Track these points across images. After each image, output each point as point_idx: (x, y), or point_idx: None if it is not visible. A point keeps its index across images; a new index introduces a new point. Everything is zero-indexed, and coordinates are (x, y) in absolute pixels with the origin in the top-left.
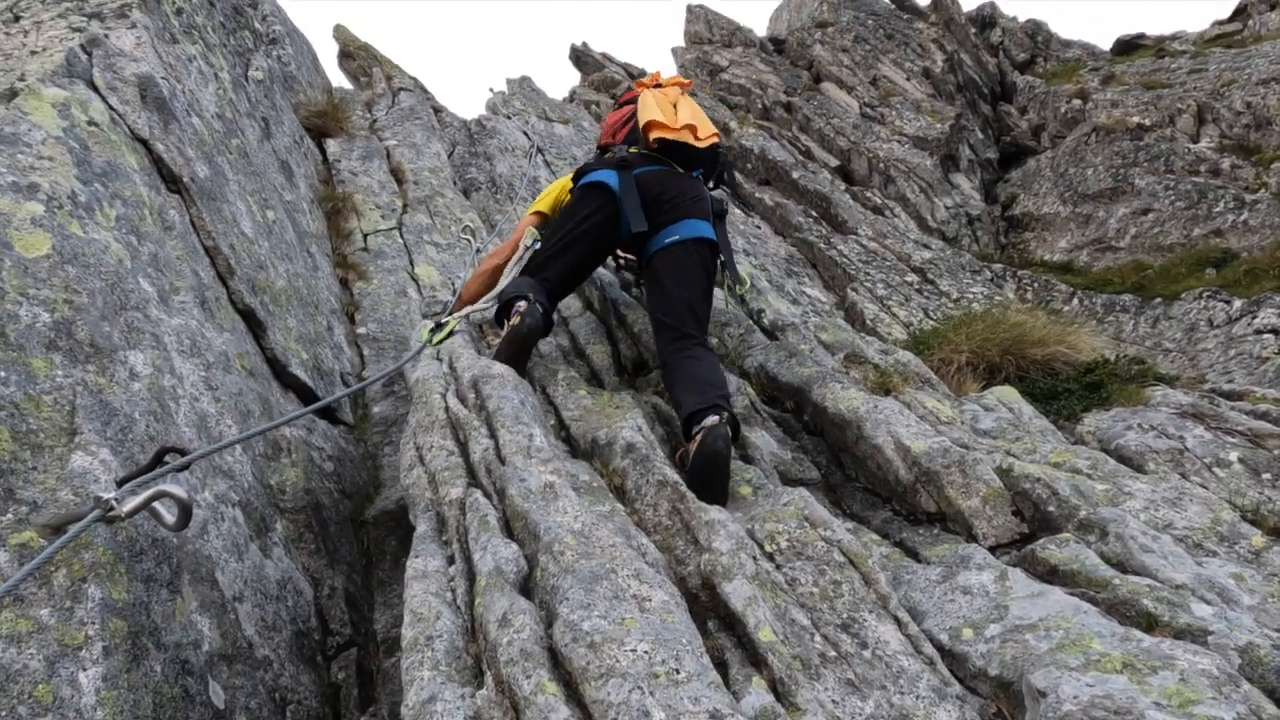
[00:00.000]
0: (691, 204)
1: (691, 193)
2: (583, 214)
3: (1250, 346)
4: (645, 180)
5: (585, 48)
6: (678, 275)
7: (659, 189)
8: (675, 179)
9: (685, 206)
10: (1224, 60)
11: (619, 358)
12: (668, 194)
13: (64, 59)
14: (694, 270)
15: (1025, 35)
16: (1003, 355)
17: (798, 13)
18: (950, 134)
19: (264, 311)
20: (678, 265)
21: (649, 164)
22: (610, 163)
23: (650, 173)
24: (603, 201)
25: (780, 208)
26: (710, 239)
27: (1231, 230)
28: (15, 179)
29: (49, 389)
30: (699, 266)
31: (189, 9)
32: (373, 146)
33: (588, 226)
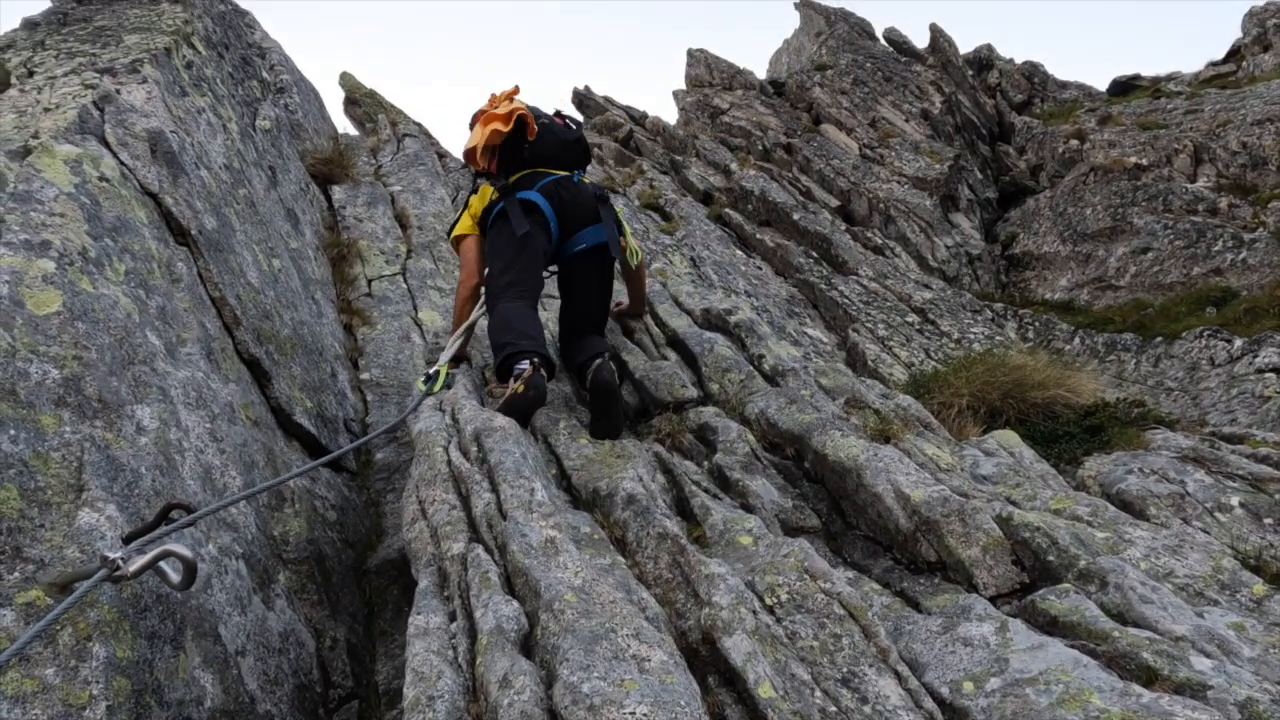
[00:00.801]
0: (588, 206)
1: (587, 196)
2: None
3: (1252, 385)
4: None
5: (588, 91)
6: (585, 285)
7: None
8: (571, 187)
9: (585, 212)
10: (1219, 101)
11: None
12: (569, 200)
13: (77, 116)
14: (594, 277)
15: (1022, 77)
16: (1003, 398)
17: (797, 56)
18: (949, 174)
19: (269, 361)
20: (585, 276)
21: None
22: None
23: (551, 183)
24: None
25: (781, 249)
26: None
27: (1231, 269)
28: (28, 236)
29: (57, 445)
30: (598, 273)
31: (199, 62)
32: (377, 192)
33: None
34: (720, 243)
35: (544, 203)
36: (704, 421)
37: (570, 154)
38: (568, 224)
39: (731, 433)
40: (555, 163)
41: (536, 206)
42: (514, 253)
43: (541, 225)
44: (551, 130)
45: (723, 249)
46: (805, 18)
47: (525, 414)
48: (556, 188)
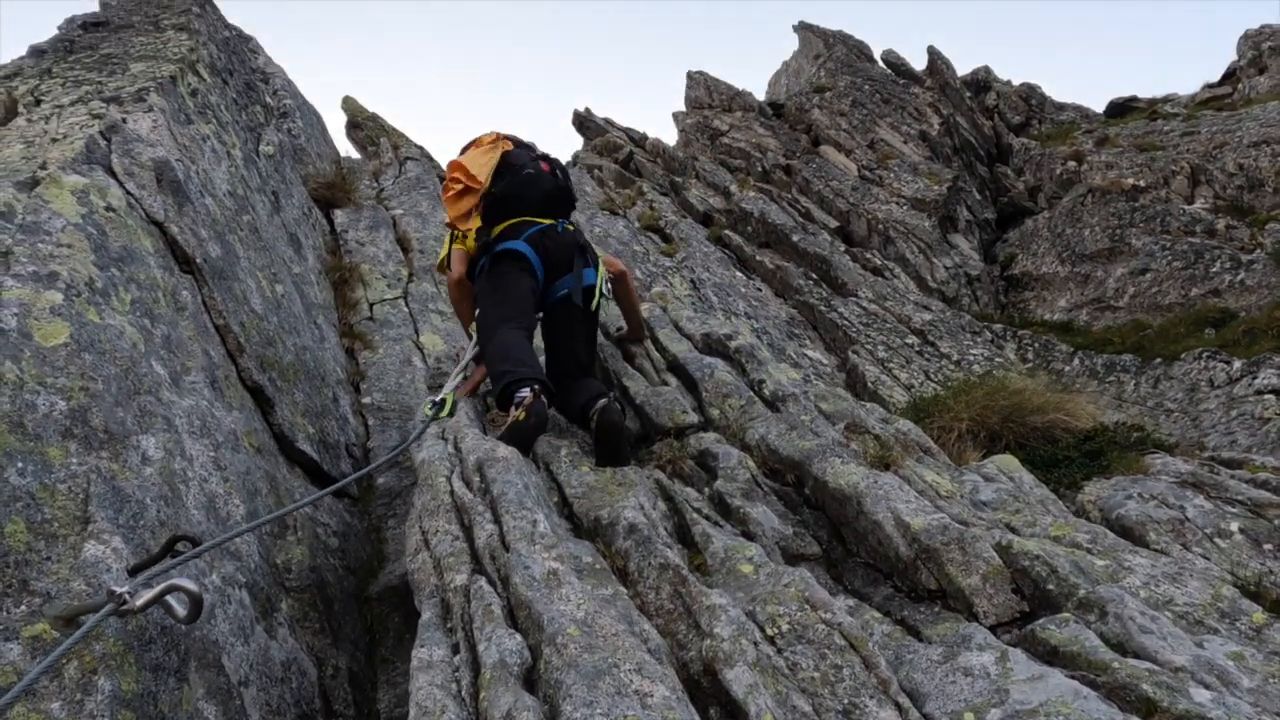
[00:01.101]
0: (570, 255)
1: (568, 244)
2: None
3: (1252, 407)
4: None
5: (588, 113)
6: (568, 329)
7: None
8: (553, 235)
9: (566, 259)
10: (1215, 123)
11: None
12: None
13: (84, 146)
14: (577, 321)
15: (1019, 98)
16: (1003, 423)
17: (796, 78)
18: (948, 195)
19: (272, 388)
20: (568, 320)
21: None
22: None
23: (537, 233)
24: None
25: (781, 270)
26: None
27: (1229, 290)
28: (36, 268)
29: (64, 477)
30: (581, 317)
31: (203, 89)
32: (379, 216)
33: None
34: (720, 264)
35: (530, 251)
36: (705, 448)
37: (555, 203)
38: (551, 271)
39: (732, 459)
40: (540, 211)
41: (524, 255)
42: (504, 295)
43: (529, 272)
44: (537, 181)
45: (723, 271)
46: (804, 40)
47: (527, 441)
48: (541, 237)
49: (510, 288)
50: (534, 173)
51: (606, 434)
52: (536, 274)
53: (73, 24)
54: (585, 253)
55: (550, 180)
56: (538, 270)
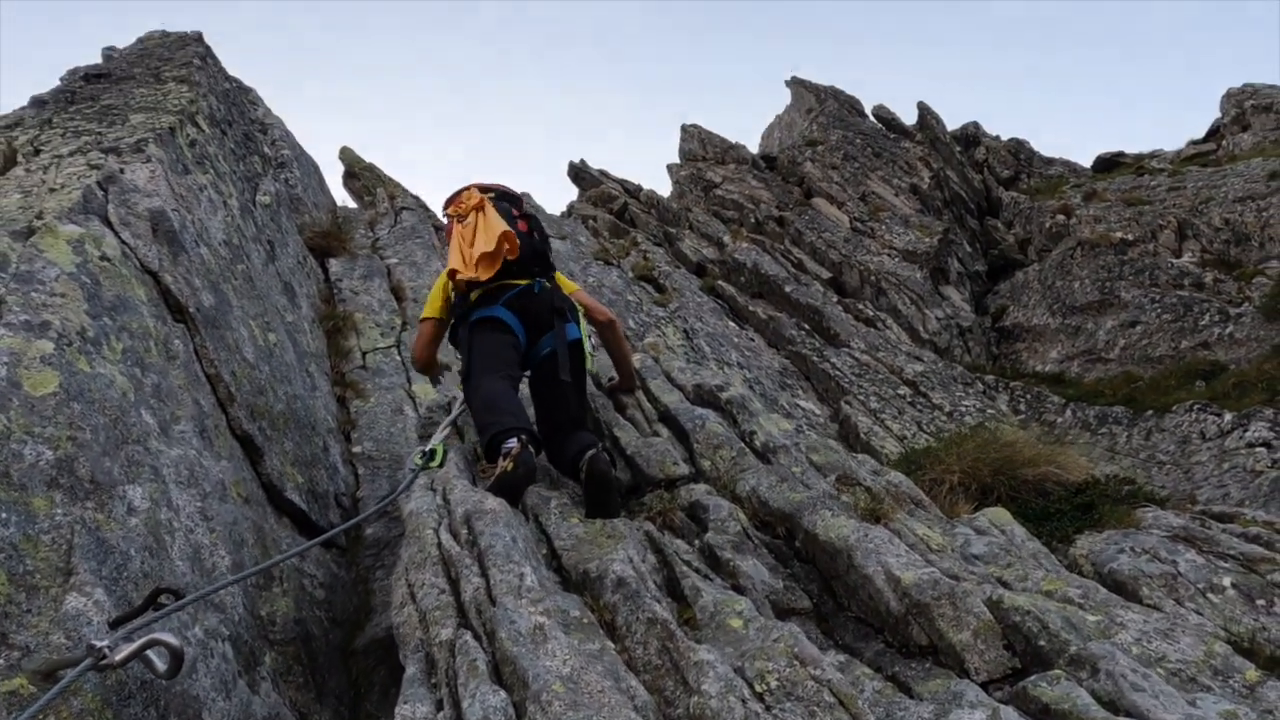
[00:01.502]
0: (548, 315)
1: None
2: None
3: (1243, 460)
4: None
5: (583, 165)
6: (556, 385)
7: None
8: (530, 297)
9: (545, 319)
10: (1201, 178)
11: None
12: (533, 308)
13: (81, 196)
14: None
15: (1008, 153)
16: (994, 475)
17: (788, 131)
18: (939, 247)
19: (261, 437)
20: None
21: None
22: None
23: (515, 296)
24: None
25: (773, 321)
26: (575, 342)
27: (1218, 343)
28: (28, 317)
29: (48, 528)
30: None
31: (202, 140)
32: (374, 265)
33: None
34: (713, 314)
35: (509, 316)
36: (695, 499)
37: (532, 264)
38: (533, 331)
39: (723, 511)
40: (517, 274)
41: (502, 321)
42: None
43: (511, 333)
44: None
45: (716, 321)
46: (796, 95)
47: (516, 492)
48: (520, 299)
49: (492, 345)
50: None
51: (596, 484)
52: (518, 335)
53: (75, 75)
54: (564, 310)
55: (527, 241)
56: (519, 333)
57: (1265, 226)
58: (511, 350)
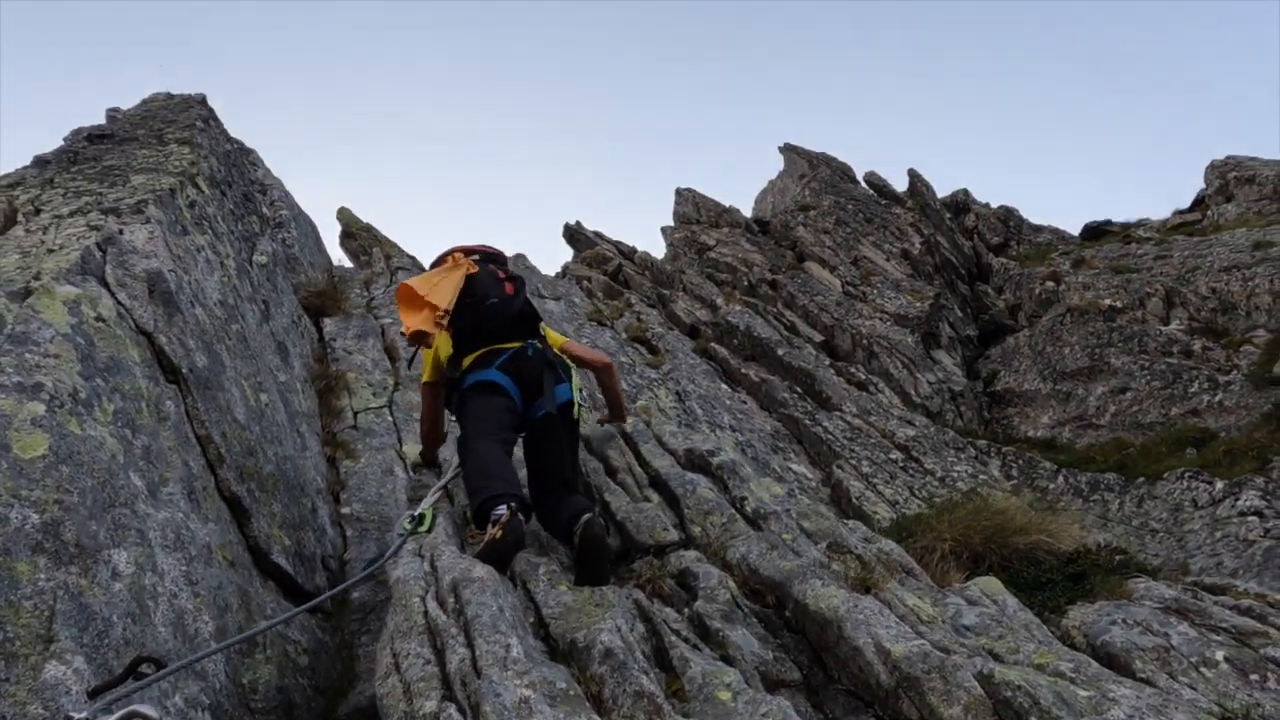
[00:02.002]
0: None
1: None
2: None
3: (1236, 529)
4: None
5: (579, 226)
6: (554, 445)
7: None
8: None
9: (539, 378)
10: (1187, 248)
11: None
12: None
13: (79, 257)
14: (558, 439)
15: (998, 220)
16: (986, 543)
17: (781, 196)
18: (930, 312)
19: (250, 499)
20: (546, 438)
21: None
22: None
23: (509, 359)
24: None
25: (766, 383)
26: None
27: (1208, 410)
28: (21, 379)
29: (30, 594)
30: (562, 433)
31: (201, 201)
32: (368, 325)
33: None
34: (706, 377)
35: (504, 379)
36: (685, 566)
37: (521, 326)
38: (527, 392)
39: (713, 579)
40: (507, 337)
41: (498, 384)
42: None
43: (506, 395)
44: (502, 309)
45: (708, 383)
46: (789, 161)
47: (505, 559)
48: (513, 362)
49: (487, 408)
50: (497, 301)
51: (589, 551)
52: (514, 398)
53: (78, 135)
54: (555, 369)
55: (515, 303)
56: (514, 395)
57: (1251, 296)
58: (507, 413)
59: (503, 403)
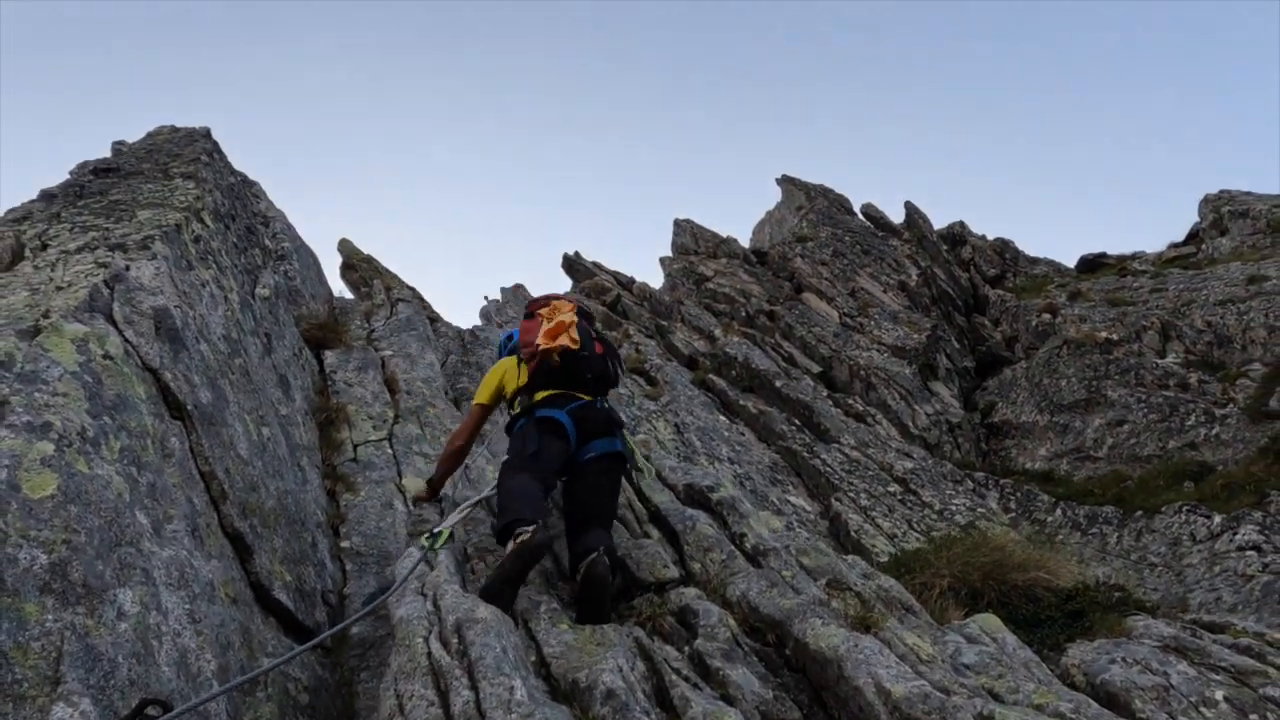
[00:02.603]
0: (604, 425)
1: (602, 418)
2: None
3: (1234, 564)
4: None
5: (577, 256)
6: (595, 489)
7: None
8: (591, 409)
9: (600, 428)
10: (1182, 281)
11: None
12: (588, 417)
13: (87, 295)
14: (603, 481)
15: (994, 252)
16: (984, 579)
17: (779, 227)
18: (927, 344)
19: (252, 535)
20: (595, 480)
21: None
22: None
23: (577, 407)
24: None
25: (764, 415)
26: (615, 453)
27: (1205, 443)
28: (30, 418)
29: (38, 635)
30: (606, 476)
31: (206, 235)
32: (369, 357)
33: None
34: (704, 408)
35: (568, 420)
36: (685, 604)
37: (599, 384)
38: (584, 437)
39: (713, 617)
40: (585, 388)
41: (562, 424)
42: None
43: (564, 438)
44: (590, 362)
45: (706, 415)
46: (787, 192)
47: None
48: (581, 410)
49: (541, 443)
50: (589, 355)
51: (591, 589)
52: (570, 440)
53: (84, 169)
54: (616, 425)
55: (600, 363)
56: (572, 438)
57: (1246, 330)
58: (559, 454)
59: (559, 445)
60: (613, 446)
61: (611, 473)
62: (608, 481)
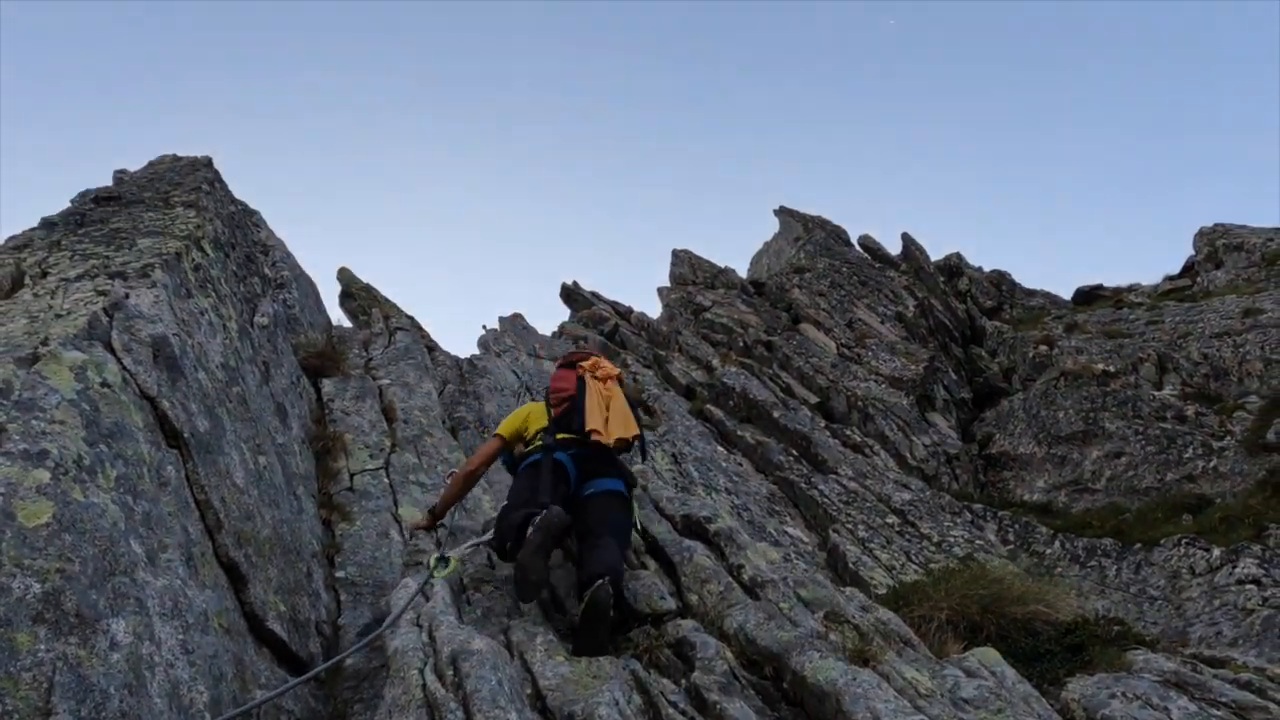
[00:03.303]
0: (607, 468)
1: (607, 461)
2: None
3: (1234, 597)
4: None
5: (576, 286)
6: (597, 513)
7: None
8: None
9: (603, 470)
10: (1178, 313)
11: None
12: (592, 463)
13: (86, 323)
14: (604, 509)
15: (991, 284)
16: (983, 613)
17: (777, 258)
18: (925, 375)
19: (247, 565)
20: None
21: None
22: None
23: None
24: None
25: (761, 446)
26: (618, 490)
27: (1203, 476)
28: (27, 446)
29: (29, 665)
30: (606, 506)
31: (206, 264)
32: (366, 386)
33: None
34: (701, 439)
35: (569, 462)
36: (682, 636)
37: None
38: (586, 476)
39: (710, 649)
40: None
41: (562, 465)
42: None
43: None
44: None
45: (704, 445)
46: (784, 223)
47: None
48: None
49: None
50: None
51: (591, 618)
52: (570, 479)
53: (85, 198)
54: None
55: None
56: (572, 475)
57: (1243, 362)
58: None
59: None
60: (615, 485)
61: (615, 506)
62: (612, 514)
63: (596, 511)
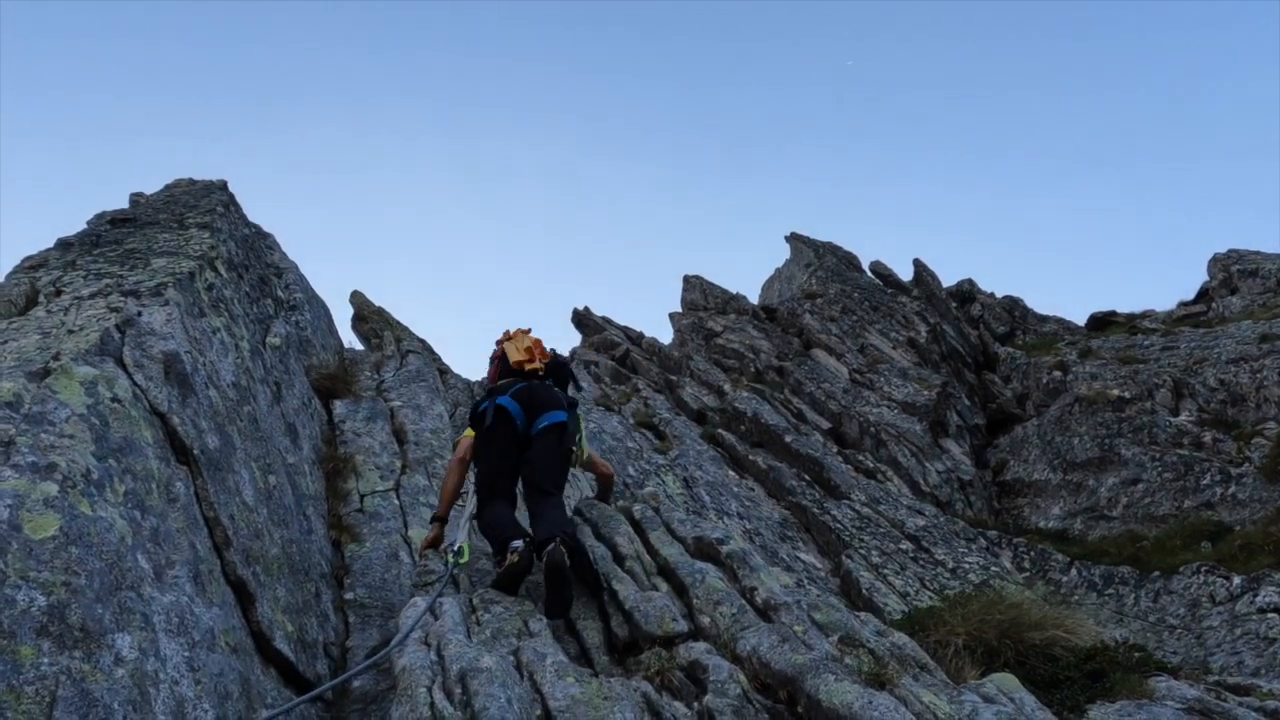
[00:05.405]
0: (548, 399)
1: (549, 394)
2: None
3: (1256, 626)
4: (520, 393)
5: (587, 311)
6: (543, 453)
7: (529, 396)
8: (539, 388)
9: (547, 403)
10: (1193, 339)
11: (610, 635)
12: (536, 397)
13: (98, 339)
14: (553, 448)
15: (1003, 310)
16: (1000, 638)
17: (788, 284)
18: (938, 401)
19: (255, 583)
20: (544, 446)
21: (520, 381)
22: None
23: (522, 388)
24: (505, 416)
25: (773, 470)
26: (562, 421)
27: (1222, 503)
28: (35, 459)
29: (32, 678)
30: (556, 444)
31: (219, 284)
32: (378, 408)
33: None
34: (713, 463)
35: (512, 404)
36: (694, 659)
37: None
38: (532, 413)
39: (723, 672)
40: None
41: (506, 410)
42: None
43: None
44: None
45: (715, 469)
46: (795, 249)
47: (517, 579)
48: (527, 391)
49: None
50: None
51: (552, 581)
52: (517, 420)
53: (101, 219)
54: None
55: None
56: (518, 417)
57: (1260, 388)
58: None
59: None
60: (559, 417)
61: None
62: (556, 448)
63: (541, 457)
